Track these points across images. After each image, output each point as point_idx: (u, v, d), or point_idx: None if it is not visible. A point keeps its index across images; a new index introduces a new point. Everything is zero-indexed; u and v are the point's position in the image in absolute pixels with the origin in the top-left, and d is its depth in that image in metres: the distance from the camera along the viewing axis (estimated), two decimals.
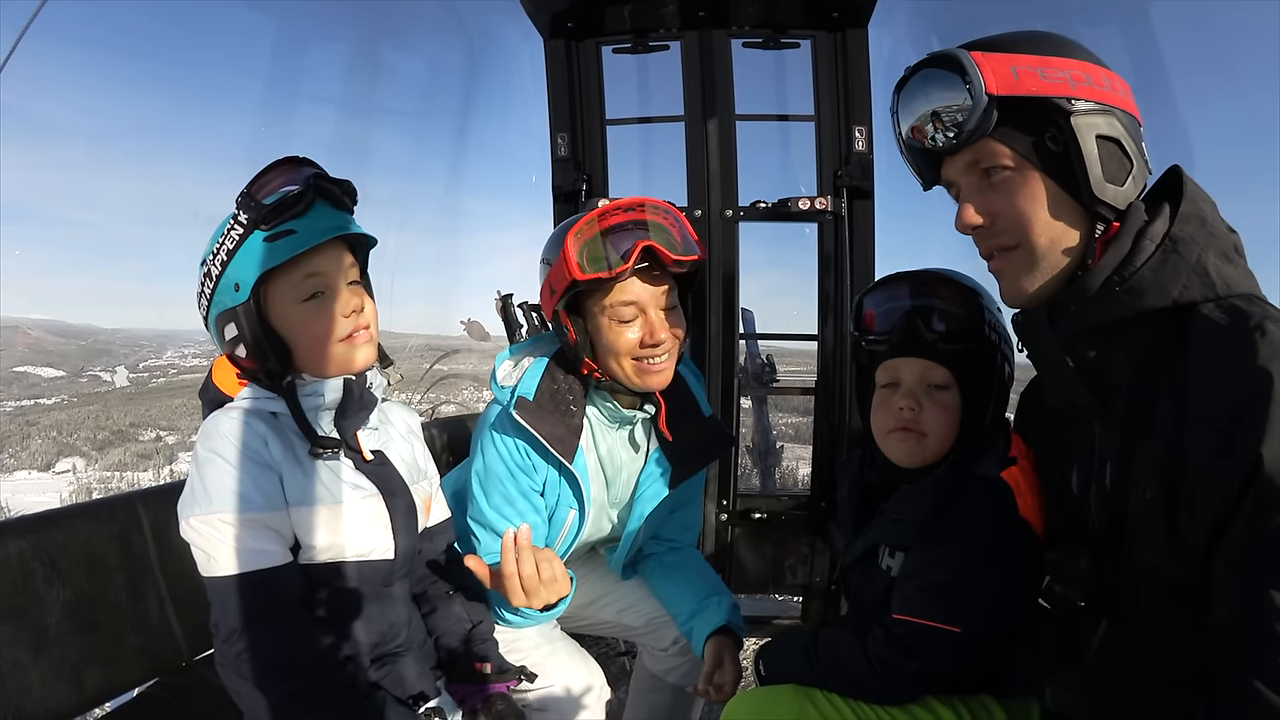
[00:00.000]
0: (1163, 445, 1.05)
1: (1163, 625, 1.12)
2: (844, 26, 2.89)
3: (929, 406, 1.47)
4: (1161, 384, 1.07)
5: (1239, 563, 0.97)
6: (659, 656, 2.05)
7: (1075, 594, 1.26)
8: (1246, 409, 0.95)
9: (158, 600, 1.64)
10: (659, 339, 1.64)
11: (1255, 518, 0.95)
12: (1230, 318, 1.01)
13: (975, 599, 1.36)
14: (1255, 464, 0.93)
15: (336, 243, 1.39)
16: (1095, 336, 1.15)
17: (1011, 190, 1.15)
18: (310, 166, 1.39)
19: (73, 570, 1.48)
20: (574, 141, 3.07)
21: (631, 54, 3.07)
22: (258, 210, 1.32)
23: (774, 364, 3.47)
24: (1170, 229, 1.09)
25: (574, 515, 1.82)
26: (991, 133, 1.14)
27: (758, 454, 4.29)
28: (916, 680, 1.41)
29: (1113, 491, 1.16)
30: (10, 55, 1.73)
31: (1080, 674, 1.22)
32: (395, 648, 1.49)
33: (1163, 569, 1.09)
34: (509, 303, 2.98)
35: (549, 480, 1.79)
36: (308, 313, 1.37)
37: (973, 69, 1.12)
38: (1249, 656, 0.95)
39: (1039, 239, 1.14)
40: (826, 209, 2.92)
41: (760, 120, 3.14)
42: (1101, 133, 1.11)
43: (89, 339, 55.89)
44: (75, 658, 1.45)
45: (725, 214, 3.00)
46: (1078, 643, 1.24)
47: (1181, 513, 1.03)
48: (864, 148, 2.92)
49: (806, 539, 3.10)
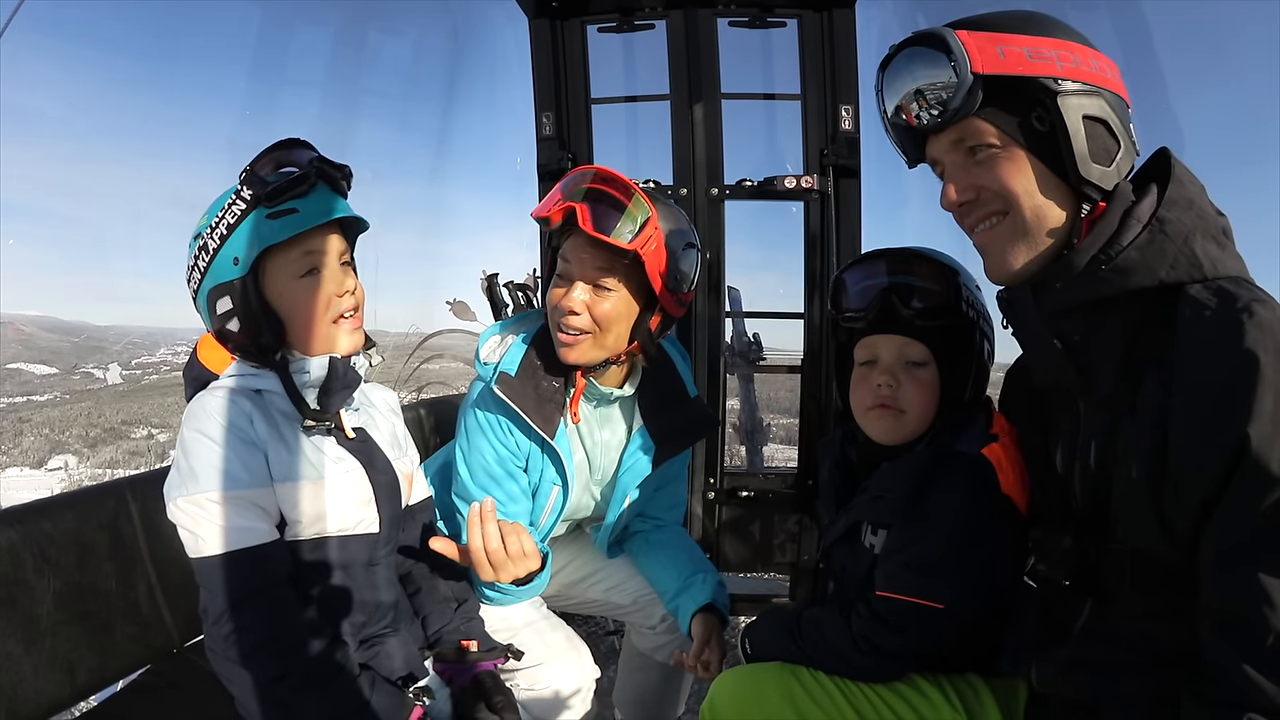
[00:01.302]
0: (1148, 425, 1.06)
1: (1148, 606, 1.13)
2: (831, 6, 2.87)
3: (907, 383, 1.48)
4: (1148, 363, 1.07)
5: (1226, 544, 0.98)
6: (647, 635, 2.07)
7: (1059, 573, 1.28)
8: (1233, 390, 0.96)
9: (148, 588, 1.64)
10: (569, 307, 1.65)
11: (1241, 499, 0.96)
12: (1218, 299, 1.01)
13: (958, 575, 1.37)
14: (1242, 445, 0.95)
15: (331, 224, 1.42)
16: (1081, 315, 1.15)
17: (996, 165, 1.15)
18: (310, 150, 1.43)
19: (63, 559, 1.48)
20: (559, 120, 3.05)
21: (617, 33, 3.04)
22: (262, 187, 1.35)
23: (760, 342, 3.47)
24: (1157, 210, 1.09)
25: (557, 491, 1.83)
26: (977, 112, 1.14)
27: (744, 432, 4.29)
28: (900, 657, 1.42)
29: (1097, 470, 1.17)
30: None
31: (1064, 653, 1.23)
32: (383, 629, 1.51)
33: (1148, 550, 1.10)
34: (494, 282, 2.97)
35: (531, 456, 1.80)
36: (303, 289, 1.41)
37: (958, 47, 1.12)
38: (1235, 639, 0.96)
39: (1025, 210, 1.14)
40: (813, 188, 2.91)
41: (746, 99, 3.13)
42: (1089, 113, 1.11)
43: (82, 336, 55.56)
44: (67, 648, 1.45)
45: (711, 192, 2.99)
46: (1063, 622, 1.25)
47: (1167, 493, 1.04)
48: (850, 127, 2.91)
49: (794, 517, 3.12)
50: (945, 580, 1.37)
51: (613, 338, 1.70)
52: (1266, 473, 0.94)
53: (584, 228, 1.57)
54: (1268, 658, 0.93)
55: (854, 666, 1.43)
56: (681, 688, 2.20)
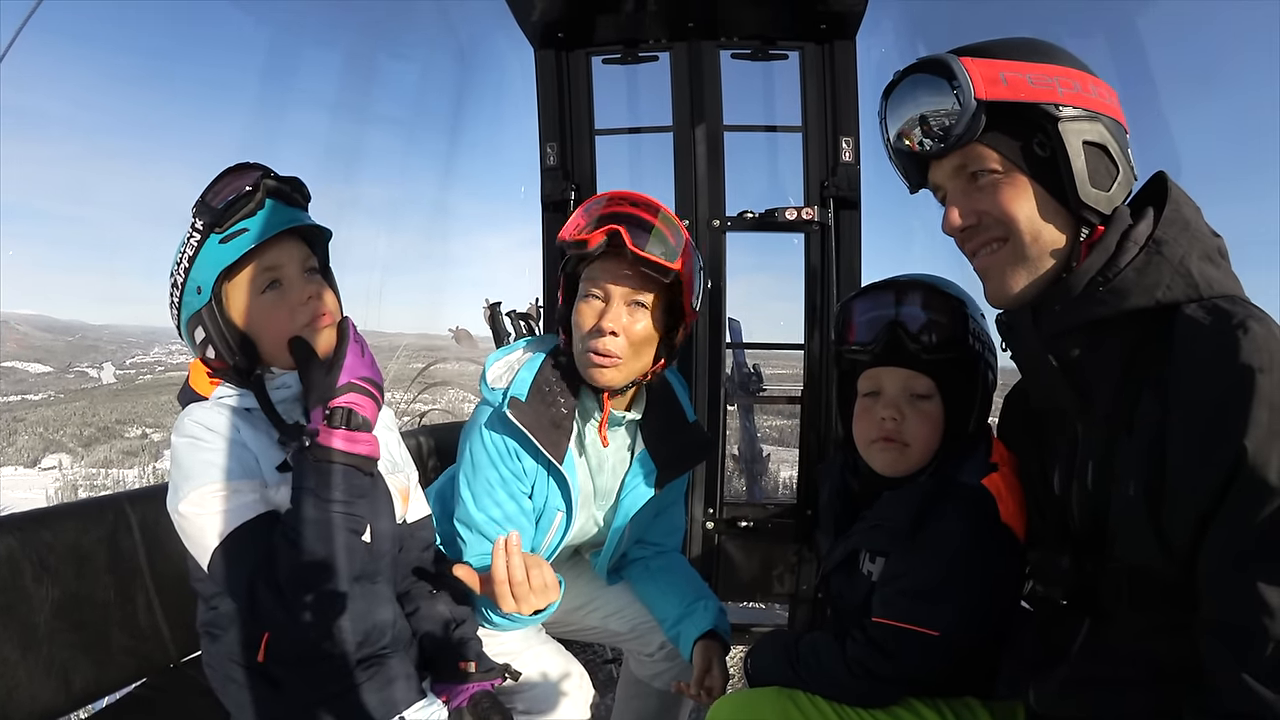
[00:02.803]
0: (1145, 442, 1.07)
1: (1146, 623, 1.13)
2: (832, 38, 2.91)
3: (912, 416, 1.47)
4: (1145, 382, 1.08)
5: (1224, 558, 0.99)
6: (645, 662, 2.06)
7: (1056, 593, 1.28)
8: (1230, 404, 0.97)
9: (146, 601, 1.64)
10: (608, 327, 1.66)
11: (1239, 512, 0.97)
12: (1213, 316, 1.02)
13: (954, 603, 1.36)
14: (1239, 458, 0.95)
15: (290, 236, 1.44)
16: (1079, 335, 1.16)
17: (998, 191, 1.16)
18: (258, 169, 1.44)
19: (62, 569, 1.49)
20: (563, 151, 3.08)
21: (621, 64, 3.09)
22: (211, 214, 1.38)
23: (760, 373, 3.49)
24: (1154, 232, 1.11)
25: (561, 517, 1.83)
26: (979, 137, 1.16)
27: (744, 462, 4.30)
28: (895, 682, 1.41)
29: (1094, 490, 1.18)
30: (8, 50, 1.73)
31: (1063, 673, 1.22)
32: (381, 649, 1.50)
33: (1146, 567, 1.11)
34: (497, 311, 3.00)
35: (537, 481, 1.80)
36: (267, 303, 1.42)
37: (962, 74, 1.14)
38: (1237, 651, 0.97)
39: (1025, 235, 1.15)
40: (813, 219, 2.93)
41: (748, 131, 3.16)
42: (1088, 139, 1.13)
43: (77, 335, 55.47)
44: (63, 657, 1.45)
45: (712, 224, 3.01)
46: (1060, 642, 1.24)
47: (1165, 509, 1.05)
48: (850, 158, 2.94)
49: (793, 547, 3.11)
50: (941, 608, 1.36)
51: (643, 359, 1.72)
52: (1263, 484, 0.94)
53: (631, 248, 1.59)
54: (1268, 667, 0.94)
55: (848, 691, 1.43)
56: (680, 715, 2.18)
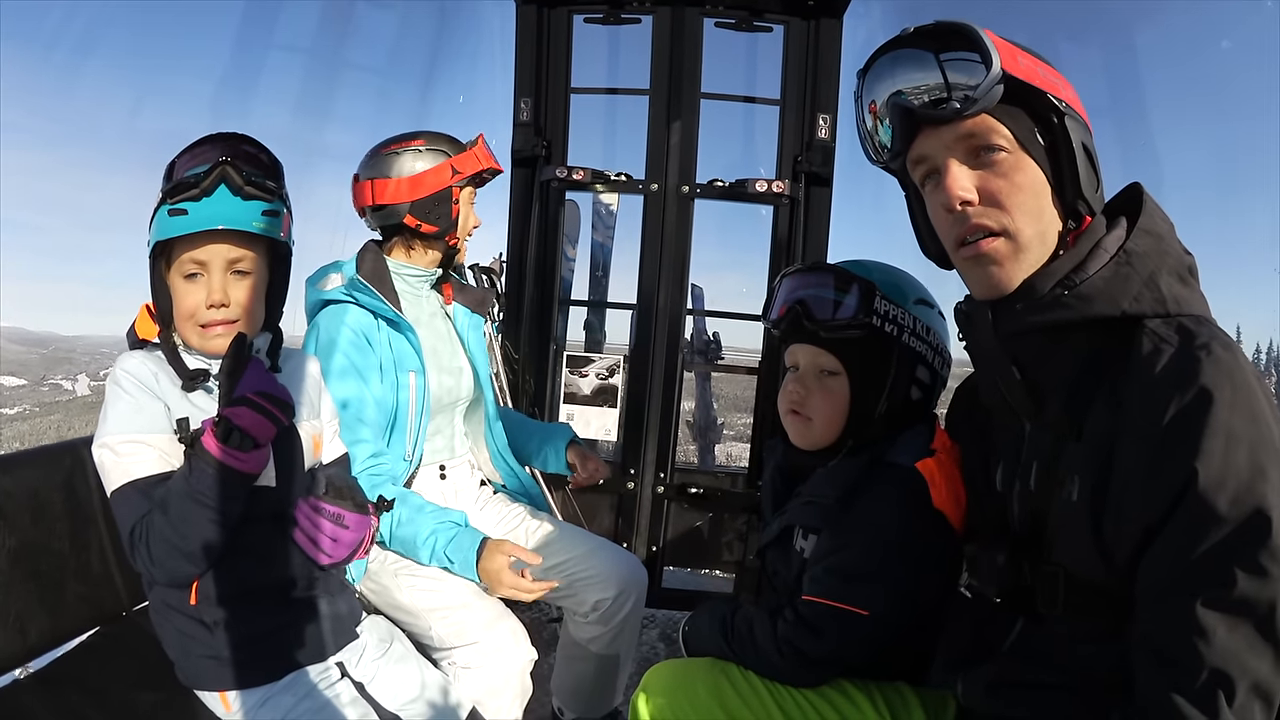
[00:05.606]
0: (1093, 450, 1.06)
1: (1078, 630, 1.14)
2: (819, 15, 2.91)
3: (816, 391, 1.51)
4: (1098, 391, 1.08)
5: (1163, 576, 0.98)
6: (580, 624, 2.13)
7: (990, 590, 1.29)
8: (1186, 425, 0.95)
9: (99, 549, 1.66)
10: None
11: (1183, 533, 0.96)
12: (1179, 335, 1.01)
13: (882, 583, 1.37)
14: (1189, 480, 0.94)
15: (225, 234, 1.44)
16: (1038, 337, 1.14)
17: (1009, 172, 1.12)
18: (223, 149, 1.44)
19: (18, 516, 1.50)
20: (537, 107, 3.06)
21: (603, 24, 3.06)
22: (167, 182, 1.42)
23: (720, 341, 3.51)
24: (1126, 242, 1.09)
25: (414, 377, 1.99)
26: (992, 110, 1.11)
27: (698, 429, 4.31)
28: (824, 663, 1.42)
29: (1037, 490, 1.18)
30: None
31: (993, 671, 1.22)
32: (310, 591, 1.54)
33: (1082, 573, 1.11)
34: None
35: (383, 355, 1.95)
36: (182, 289, 1.46)
37: (988, 41, 1.09)
38: (1168, 671, 0.96)
39: (1030, 225, 1.12)
40: (784, 193, 2.95)
41: (725, 100, 3.15)
42: (1083, 139, 1.11)
43: (50, 347, 53.86)
44: (19, 606, 1.47)
45: (682, 190, 3.02)
46: (993, 639, 1.25)
47: (1108, 519, 1.04)
48: (826, 135, 2.96)
49: (743, 517, 3.16)
50: (869, 588, 1.38)
51: None
52: (1210, 510, 0.94)
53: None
54: (1200, 691, 0.94)
55: (775, 669, 1.44)
56: (618, 679, 2.25)
